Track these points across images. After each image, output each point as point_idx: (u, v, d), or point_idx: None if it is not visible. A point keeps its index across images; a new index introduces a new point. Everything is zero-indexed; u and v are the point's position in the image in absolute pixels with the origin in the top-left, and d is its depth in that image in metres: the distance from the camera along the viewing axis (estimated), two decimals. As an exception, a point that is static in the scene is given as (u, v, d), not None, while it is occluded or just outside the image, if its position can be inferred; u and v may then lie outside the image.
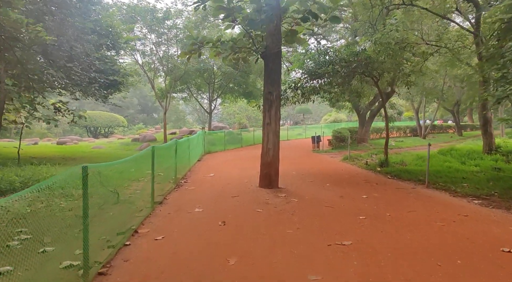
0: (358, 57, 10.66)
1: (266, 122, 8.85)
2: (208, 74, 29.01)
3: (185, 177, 11.12)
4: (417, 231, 5.31)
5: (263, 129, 8.99)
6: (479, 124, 18.16)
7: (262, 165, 8.95)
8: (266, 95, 8.83)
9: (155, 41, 26.32)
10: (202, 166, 13.90)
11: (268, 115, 8.80)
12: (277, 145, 8.88)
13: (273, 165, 8.83)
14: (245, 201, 7.51)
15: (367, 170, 12.36)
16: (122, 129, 54.11)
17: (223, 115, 56.54)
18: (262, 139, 9.02)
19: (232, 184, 9.72)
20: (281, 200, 7.54)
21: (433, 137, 34.13)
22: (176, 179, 10.13)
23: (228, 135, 24.08)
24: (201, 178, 10.92)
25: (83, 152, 22.59)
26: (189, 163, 12.97)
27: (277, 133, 8.86)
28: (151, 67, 27.61)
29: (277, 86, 8.80)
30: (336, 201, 7.40)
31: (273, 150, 8.81)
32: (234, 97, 32.57)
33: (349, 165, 13.73)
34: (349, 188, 8.89)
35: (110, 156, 20.14)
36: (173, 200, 7.79)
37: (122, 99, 65.28)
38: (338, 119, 42.69)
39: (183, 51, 9.06)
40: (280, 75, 8.96)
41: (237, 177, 10.91)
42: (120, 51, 17.72)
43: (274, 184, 8.83)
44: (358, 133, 23.75)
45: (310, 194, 8.12)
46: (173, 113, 66.13)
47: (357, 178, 10.59)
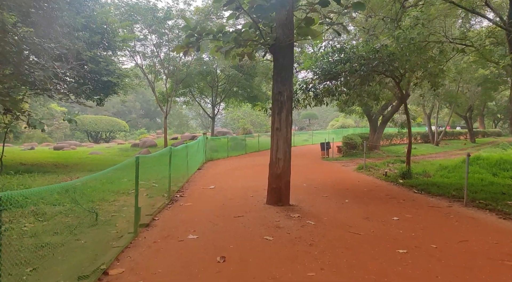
0: (379, 54, 9.34)
1: (275, 127, 7.53)
2: (211, 77, 27.84)
3: (181, 190, 9.80)
4: (482, 274, 3.94)
5: (272, 135, 7.67)
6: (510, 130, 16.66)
7: (271, 178, 7.62)
8: (275, 95, 7.52)
9: (156, 42, 25.22)
10: (202, 176, 12.57)
11: (278, 119, 7.48)
12: (288, 154, 7.55)
13: (283, 178, 7.49)
14: (251, 223, 6.17)
15: (387, 182, 10.98)
16: (123, 134, 53.06)
17: (226, 120, 55.32)
18: (271, 147, 7.69)
19: (235, 199, 8.38)
20: (294, 222, 6.19)
21: (445, 144, 32.63)
22: (171, 192, 8.82)
23: (232, 141, 22.81)
24: (200, 191, 9.59)
25: (78, 158, 21.38)
26: (187, 172, 11.66)
27: (288, 140, 7.53)
28: (151, 70, 26.50)
29: (289, 85, 7.49)
30: (362, 225, 6.04)
31: (284, 161, 7.48)
32: (238, 101, 31.35)
33: (365, 176, 12.35)
34: (373, 206, 7.52)
35: (106, 162, 18.90)
36: (164, 221, 6.45)
37: (123, 104, 64.59)
38: (346, 124, 41.28)
39: (179, 44, 7.77)
40: (292, 73, 7.65)
41: (241, 191, 9.57)
42: (116, 51, 16.50)
43: (284, 201, 7.49)
44: (369, 139, 22.37)
45: (328, 214, 6.77)
46: (176, 118, 65.09)
47: (379, 193, 9.20)
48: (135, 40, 23.97)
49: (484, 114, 48.82)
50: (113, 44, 15.83)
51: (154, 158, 7.73)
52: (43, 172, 14.49)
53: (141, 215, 6.42)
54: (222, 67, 25.28)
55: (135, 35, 20.04)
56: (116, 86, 15.37)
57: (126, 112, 67.84)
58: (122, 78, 15.72)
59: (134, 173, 6.53)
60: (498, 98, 40.21)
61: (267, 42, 7.47)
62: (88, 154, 24.55)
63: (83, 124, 43.54)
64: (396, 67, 9.57)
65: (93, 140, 45.48)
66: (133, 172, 6.73)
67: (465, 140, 39.57)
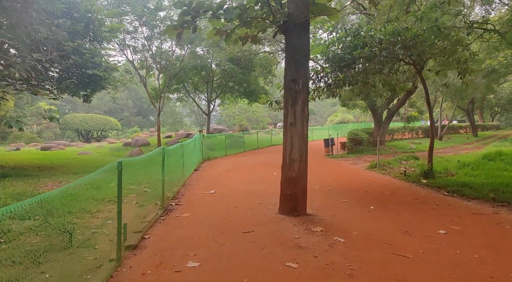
0: (401, 37, 8.12)
1: (289, 122, 6.29)
2: (206, 72, 26.48)
3: (177, 196, 8.54)
4: None
5: (285, 131, 6.44)
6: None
7: (284, 183, 6.38)
8: (288, 84, 6.28)
9: (147, 35, 23.77)
10: (199, 178, 11.31)
11: (292, 112, 6.24)
12: (305, 154, 6.32)
13: (299, 182, 6.26)
14: (265, 241, 4.94)
15: (407, 182, 9.81)
16: (116, 133, 51.49)
17: (221, 117, 53.94)
18: (284, 146, 6.46)
19: (240, 207, 7.14)
20: (319, 239, 4.97)
21: (448, 138, 31.62)
22: (164, 200, 7.55)
23: (229, 139, 21.53)
24: (199, 197, 8.34)
25: (65, 159, 20.00)
26: (183, 175, 10.39)
27: (304, 137, 6.30)
28: (143, 65, 25.06)
29: (304, 70, 6.25)
30: (404, 242, 4.84)
31: (300, 162, 6.25)
32: (234, 97, 30.02)
33: (380, 175, 11.17)
34: (406, 215, 6.33)
35: (94, 163, 17.56)
36: (156, 240, 5.19)
37: (115, 102, 62.90)
38: (345, 119, 40.14)
39: (171, 24, 6.47)
40: (308, 56, 6.41)
41: (246, 196, 8.33)
42: (102, 42, 15.11)
43: (301, 210, 6.27)
44: (374, 135, 21.21)
45: (357, 227, 5.56)
46: (169, 116, 63.57)
47: (405, 196, 8.02)
48: (124, 32, 22.53)
49: (484, 107, 48.00)
50: (99, 34, 14.43)
51: (144, 161, 6.46)
52: (24, 175, 13.14)
53: (128, 232, 5.18)
54: (218, 60, 23.91)
55: (123, 25, 18.63)
56: (103, 80, 13.98)
57: (118, 110, 66.12)
58: (109, 71, 14.33)
59: (124, 175, 5.28)
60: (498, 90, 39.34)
61: (277, 20, 6.21)
62: (76, 154, 23.14)
63: (73, 123, 41.95)
64: (420, 52, 8.35)
65: (83, 140, 43.88)
66: (124, 175, 5.50)
67: (466, 134, 38.69)
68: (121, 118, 62.83)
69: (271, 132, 28.67)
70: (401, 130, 30.14)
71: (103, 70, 13.73)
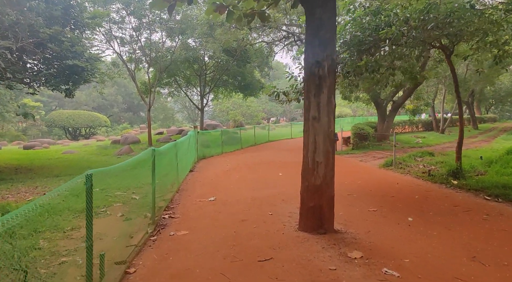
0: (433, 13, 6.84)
1: (311, 116, 4.99)
2: (199, 64, 25.02)
3: (171, 205, 7.20)
4: None
5: (306, 128, 5.13)
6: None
7: (306, 193, 5.10)
8: (310, 67, 4.97)
9: (135, 26, 22.21)
10: (196, 181, 9.97)
11: (315, 103, 4.94)
12: (332, 157, 5.04)
13: (325, 192, 4.98)
14: (291, 277, 3.66)
15: (434, 183, 8.60)
16: (105, 130, 49.69)
17: (215, 112, 52.40)
18: (304, 146, 5.17)
19: (249, 220, 5.86)
20: (363, 272, 3.71)
21: (449, 132, 30.62)
22: (156, 211, 6.23)
23: (225, 135, 20.16)
24: (197, 207, 7.02)
25: (48, 159, 18.47)
26: (177, 178, 9.05)
27: (330, 135, 5.01)
28: (131, 57, 23.51)
29: (331, 50, 4.95)
30: (481, 275, 3.60)
31: (325, 166, 4.96)
32: (228, 91, 28.59)
33: (399, 175, 9.96)
34: (458, 229, 5.10)
35: (79, 164, 16.11)
36: (143, 278, 3.86)
37: (104, 98, 60.97)
38: (343, 113, 38.99)
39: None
40: (335, 31, 5.09)
41: (253, 204, 7.05)
42: (85, 30, 13.60)
43: (327, 226, 5.00)
44: (378, 129, 20.06)
45: (406, 250, 4.30)
46: (161, 111, 61.80)
47: (441, 202, 6.80)
48: (110, 22, 20.95)
49: (481, 100, 47.25)
50: (81, 21, 12.92)
51: (127, 167, 5.10)
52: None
53: (107, 264, 3.88)
54: (211, 52, 22.44)
55: (107, 12, 17.06)
56: (85, 71, 12.49)
57: (107, 106, 64.05)
58: (92, 62, 12.84)
59: (109, 179, 4.01)
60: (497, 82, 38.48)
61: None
62: (61, 153, 21.58)
63: (60, 119, 40.16)
64: (457, 31, 7.09)
65: (71, 137, 42.10)
66: (109, 179, 4.24)
67: (466, 126, 37.89)
68: (111, 115, 60.92)
69: (268, 127, 27.38)
70: (401, 123, 29.14)
71: (85, 60, 12.24)
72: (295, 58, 22.67)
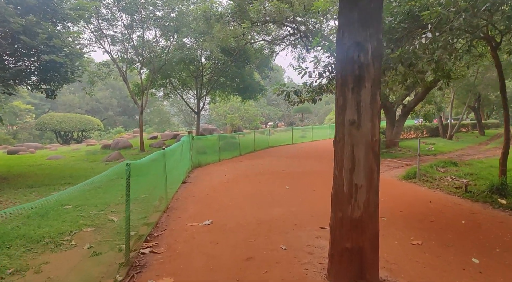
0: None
1: (348, 120, 3.53)
2: (195, 65, 23.57)
3: (155, 232, 5.69)
4: None
5: (339, 136, 3.67)
6: None
7: (339, 227, 3.62)
8: (346, 51, 3.52)
9: (127, 23, 20.75)
10: (189, 197, 8.46)
11: (353, 101, 3.49)
12: (376, 177, 3.58)
13: (367, 227, 3.52)
14: None
15: (475, 201, 7.16)
16: (98, 133, 48.04)
17: (211, 116, 50.88)
18: (336, 162, 3.72)
19: (257, 260, 4.37)
20: None
21: (456, 138, 29.26)
22: (134, 243, 4.75)
23: (222, 140, 18.67)
24: (188, 235, 5.51)
25: (29, 166, 16.88)
26: (165, 195, 7.55)
27: (376, 147, 3.55)
28: (123, 57, 22.02)
29: (376, 30, 3.51)
30: None
31: (368, 190, 3.50)
32: (226, 94, 27.11)
33: (427, 190, 8.51)
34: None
35: (62, 172, 14.54)
36: None
37: (99, 101, 59.40)
38: (346, 118, 37.50)
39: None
40: (381, 8, 3.65)
41: (259, 230, 5.57)
42: (66, 23, 12.11)
43: (371, 275, 3.52)
44: (387, 134, 18.67)
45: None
46: (156, 115, 60.17)
47: (498, 230, 5.34)
48: (99, 18, 19.49)
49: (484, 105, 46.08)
50: (61, 12, 11.45)
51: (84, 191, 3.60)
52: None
53: None
54: (208, 51, 20.98)
55: (93, 2, 15.58)
56: (63, 68, 10.97)
57: (101, 110, 62.37)
58: (73, 58, 11.32)
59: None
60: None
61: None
62: (45, 159, 19.99)
63: (51, 123, 38.49)
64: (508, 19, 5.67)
65: (62, 141, 40.42)
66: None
67: (471, 132, 36.65)
68: (105, 118, 59.40)
69: (268, 132, 25.92)
70: (407, 129, 27.78)
71: (64, 55, 10.74)
72: (300, 58, 21.24)
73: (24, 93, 47.59)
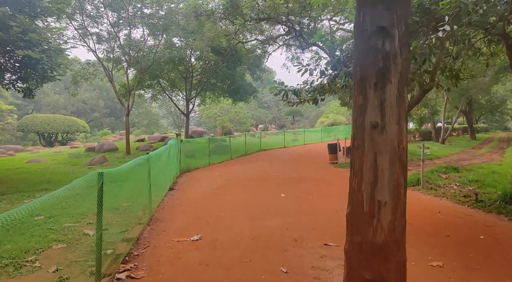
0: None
1: (369, 123, 2.87)
2: (185, 66, 22.81)
3: (134, 251, 4.95)
4: None
5: (356, 142, 3.01)
6: None
7: (357, 253, 2.96)
8: (368, 39, 2.87)
9: (114, 21, 19.90)
10: (176, 206, 7.72)
11: (376, 99, 2.84)
12: (404, 192, 2.94)
13: (393, 255, 2.86)
14: None
15: (489, 213, 6.60)
16: (84, 135, 46.71)
17: (201, 118, 50.01)
18: (353, 174, 3.04)
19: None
20: None
21: (448, 142, 29.02)
22: (107, 269, 4.01)
23: (212, 143, 17.93)
24: (173, 254, 4.78)
25: (6, 170, 15.90)
26: (149, 205, 6.80)
27: (403, 156, 2.90)
28: (109, 57, 21.13)
29: (403, 11, 2.87)
30: None
31: (394, 209, 2.86)
32: (216, 95, 26.38)
33: (433, 198, 7.94)
34: None
35: (40, 176, 13.64)
36: None
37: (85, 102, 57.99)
38: (338, 121, 37.14)
39: None
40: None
41: (255, 248, 4.88)
42: (44, 16, 11.28)
43: (396, 314, 2.87)
44: (381, 138, 18.12)
45: None
46: (145, 117, 59.04)
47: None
48: (84, 15, 18.61)
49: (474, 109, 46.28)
50: (39, 4, 10.63)
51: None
52: None
53: None
54: (198, 51, 20.25)
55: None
56: (40, 64, 10.13)
57: (88, 111, 60.85)
58: (51, 54, 10.49)
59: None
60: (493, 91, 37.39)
61: None
62: (24, 162, 18.96)
63: (33, 124, 37.24)
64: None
65: (46, 143, 39.10)
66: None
67: (462, 136, 36.64)
68: (91, 120, 58.00)
69: (259, 135, 25.26)
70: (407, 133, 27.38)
71: (41, 51, 9.92)
72: (294, 58, 20.66)
73: (5, 93, 46.12)
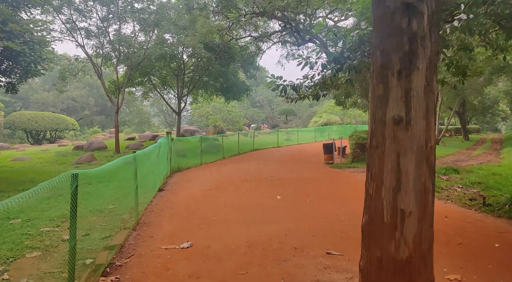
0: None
1: (391, 116, 2.44)
2: (177, 63, 22.24)
3: (117, 260, 4.45)
4: None
5: (373, 141, 2.57)
6: None
7: (376, 271, 2.52)
8: (391, 17, 2.44)
9: (103, 16, 19.25)
10: (165, 208, 7.22)
11: (399, 89, 2.40)
12: (432, 199, 2.51)
13: (419, 273, 2.43)
14: None
15: (498, 218, 6.23)
16: (73, 133, 45.73)
17: (193, 117, 49.34)
18: (370, 176, 2.62)
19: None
20: None
21: (442, 142, 28.88)
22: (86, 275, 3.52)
23: (204, 142, 17.41)
24: (160, 265, 4.29)
25: (-12, 169, 15.19)
26: (136, 206, 6.29)
27: (430, 156, 2.47)
28: (99, 52, 20.46)
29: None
30: None
31: (420, 219, 2.43)
32: (209, 94, 25.84)
33: (440, 203, 7.53)
34: None
35: (24, 175, 12.98)
36: None
37: (75, 99, 56.90)
38: (331, 121, 36.82)
39: None
40: None
41: (251, 259, 4.42)
42: (28, 7, 10.67)
43: None
44: (377, 138, 17.79)
45: None
46: (136, 115, 58.13)
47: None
48: (71, 8, 17.94)
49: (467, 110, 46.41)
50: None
51: None
52: None
53: None
54: (191, 47, 19.68)
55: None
56: (21, 57, 9.53)
57: (78, 109, 59.70)
58: (33, 45, 9.90)
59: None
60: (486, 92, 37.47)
61: None
62: (9, 160, 18.23)
63: (21, 121, 36.20)
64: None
65: (34, 141, 38.11)
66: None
67: (455, 137, 36.62)
68: (81, 117, 56.91)
69: (253, 134, 24.80)
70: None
71: (23, 43, 9.32)
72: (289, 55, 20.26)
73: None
